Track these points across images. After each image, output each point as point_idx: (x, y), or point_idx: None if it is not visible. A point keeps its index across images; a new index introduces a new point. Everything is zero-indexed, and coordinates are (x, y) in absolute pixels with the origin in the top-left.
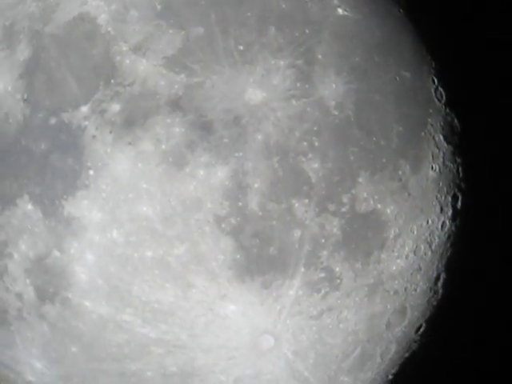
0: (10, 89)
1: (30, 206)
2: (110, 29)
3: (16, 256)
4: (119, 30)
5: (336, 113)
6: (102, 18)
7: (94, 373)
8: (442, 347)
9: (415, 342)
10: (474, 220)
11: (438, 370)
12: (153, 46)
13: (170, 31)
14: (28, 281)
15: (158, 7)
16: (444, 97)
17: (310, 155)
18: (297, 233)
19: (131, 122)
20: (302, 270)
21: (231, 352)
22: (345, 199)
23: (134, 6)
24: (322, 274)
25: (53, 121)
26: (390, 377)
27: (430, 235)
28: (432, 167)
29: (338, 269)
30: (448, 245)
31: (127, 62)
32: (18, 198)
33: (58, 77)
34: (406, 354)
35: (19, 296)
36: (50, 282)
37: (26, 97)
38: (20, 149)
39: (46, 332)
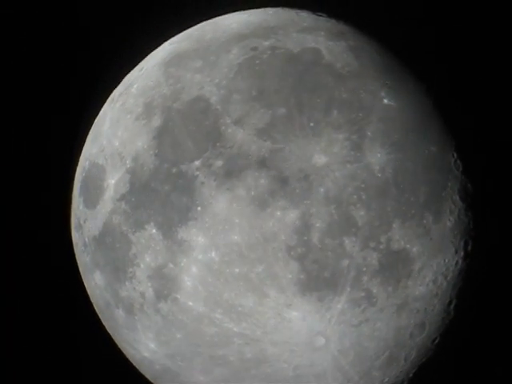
0: (145, 147)
1: (154, 230)
2: (218, 107)
3: (142, 265)
4: (225, 107)
5: (379, 175)
6: (214, 99)
7: (191, 354)
8: (452, 355)
9: (431, 350)
10: (481, 260)
11: (448, 372)
12: (248, 120)
13: (261, 110)
14: (149, 284)
15: (254, 93)
16: (461, 167)
17: (358, 205)
18: (345, 262)
19: (230, 174)
20: (348, 289)
21: (292, 346)
22: (382, 239)
23: (236, 91)
24: (363, 294)
25: (174, 170)
26: (411, 375)
27: (446, 270)
28: (449, 219)
29: (375, 290)
30: (459, 278)
31: (229, 131)
32: (146, 224)
33: (180, 139)
34: (424, 359)
35: (142, 294)
36: (164, 286)
37: (156, 152)
38: (150, 189)
39: (159, 322)
